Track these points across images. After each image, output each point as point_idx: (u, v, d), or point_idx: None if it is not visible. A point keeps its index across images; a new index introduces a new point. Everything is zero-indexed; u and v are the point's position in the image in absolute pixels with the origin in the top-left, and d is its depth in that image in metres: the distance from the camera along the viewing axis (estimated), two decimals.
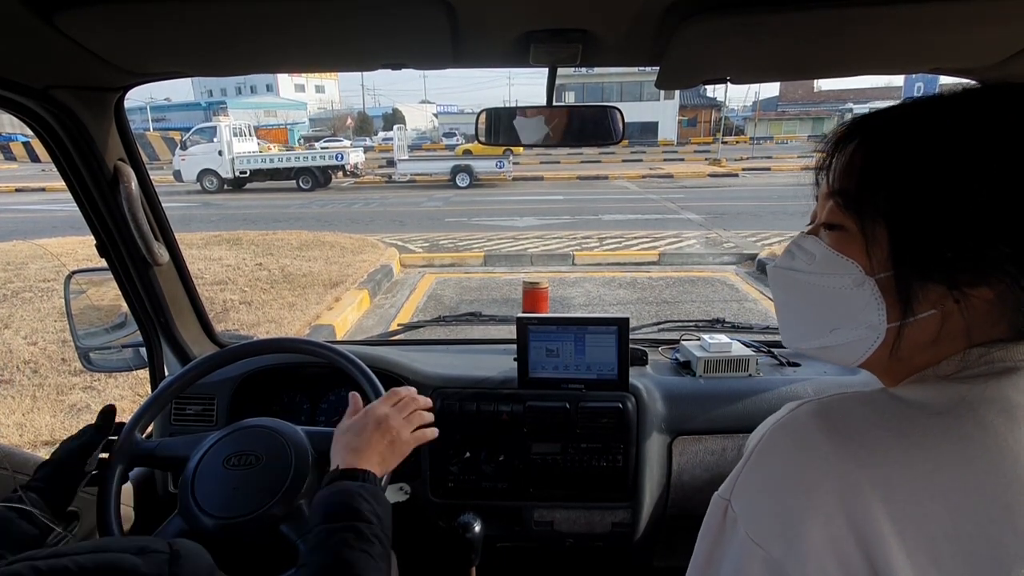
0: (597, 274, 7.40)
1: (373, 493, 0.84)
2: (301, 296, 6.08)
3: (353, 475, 0.86)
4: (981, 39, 0.90)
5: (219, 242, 8.96)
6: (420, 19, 0.83)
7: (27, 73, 0.98)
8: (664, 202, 13.89)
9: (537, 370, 1.39)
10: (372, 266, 7.28)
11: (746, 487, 0.53)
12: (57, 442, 0.59)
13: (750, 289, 6.62)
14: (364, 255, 7.90)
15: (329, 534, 0.77)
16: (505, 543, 1.45)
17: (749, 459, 0.54)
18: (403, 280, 7.31)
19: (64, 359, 4.45)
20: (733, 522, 0.52)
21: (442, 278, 7.28)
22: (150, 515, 1.39)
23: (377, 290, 6.67)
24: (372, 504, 0.82)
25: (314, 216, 13.10)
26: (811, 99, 47.65)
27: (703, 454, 1.40)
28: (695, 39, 0.85)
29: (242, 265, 7.46)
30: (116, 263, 1.37)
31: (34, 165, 28.47)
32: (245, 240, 9.10)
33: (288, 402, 1.54)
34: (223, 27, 0.85)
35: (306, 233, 9.59)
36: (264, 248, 8.55)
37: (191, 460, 1.04)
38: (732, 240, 9.20)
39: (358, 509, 0.80)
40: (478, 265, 7.99)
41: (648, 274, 7.34)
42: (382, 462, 0.92)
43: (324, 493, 0.84)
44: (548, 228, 10.56)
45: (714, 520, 0.55)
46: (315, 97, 60.92)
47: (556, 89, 1.17)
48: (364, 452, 0.91)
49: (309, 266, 7.40)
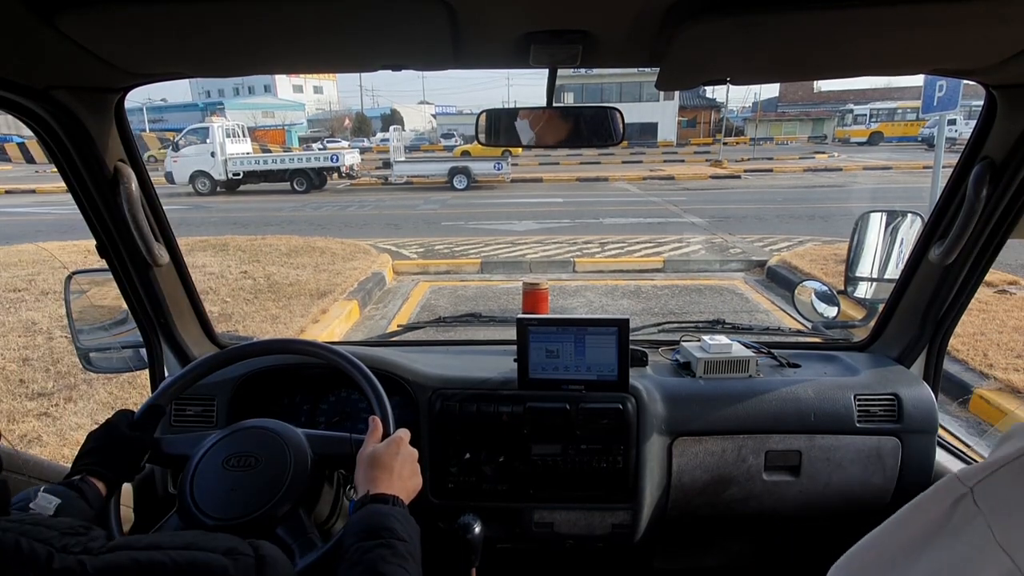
0: (599, 282, 7.17)
1: (404, 515, 0.88)
2: (286, 307, 5.80)
3: (384, 499, 0.90)
4: (981, 39, 0.90)
5: (205, 248, 8.67)
6: (420, 20, 0.83)
7: (28, 74, 0.98)
8: (666, 205, 13.74)
9: (537, 371, 1.39)
10: (363, 274, 7.03)
11: (1007, 494, 0.48)
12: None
13: (761, 299, 6.38)
14: (355, 262, 7.64)
15: (365, 551, 0.80)
16: (505, 544, 1.45)
17: (1014, 462, 0.48)
18: (395, 289, 7.10)
19: (23, 380, 4.09)
20: (972, 517, 0.48)
21: (436, 286, 7.08)
22: (149, 515, 1.39)
23: (367, 300, 6.45)
24: (404, 524, 0.86)
25: (307, 219, 12.92)
26: (811, 100, 47.70)
27: (703, 455, 1.40)
28: (695, 40, 0.86)
29: (226, 273, 7.13)
30: (116, 264, 1.37)
31: (28, 166, 28.44)
32: (232, 246, 8.74)
33: (288, 403, 1.54)
34: (223, 28, 0.85)
35: (296, 238, 9.35)
36: (251, 254, 8.23)
37: (192, 459, 1.04)
38: (738, 245, 9.00)
39: (392, 528, 0.83)
40: (474, 272, 7.78)
41: (652, 282, 7.11)
42: (406, 493, 0.95)
43: (358, 515, 0.87)
44: (547, 232, 10.40)
45: (942, 505, 0.50)
46: (313, 98, 60.89)
47: (555, 90, 1.17)
48: (394, 481, 0.94)
49: (297, 274, 7.11)
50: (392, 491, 0.92)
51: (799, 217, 11.51)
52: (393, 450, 0.99)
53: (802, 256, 7.47)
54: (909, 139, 33.15)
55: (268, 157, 19.25)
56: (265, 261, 7.82)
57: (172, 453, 1.10)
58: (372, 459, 0.97)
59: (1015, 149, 1.15)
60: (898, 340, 1.53)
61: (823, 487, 1.42)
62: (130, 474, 1.02)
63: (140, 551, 0.59)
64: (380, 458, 0.97)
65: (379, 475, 0.94)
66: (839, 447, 1.40)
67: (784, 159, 25.85)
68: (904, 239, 1.54)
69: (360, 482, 0.95)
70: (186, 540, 0.64)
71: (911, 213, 1.53)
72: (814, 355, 1.62)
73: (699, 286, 6.93)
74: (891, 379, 1.45)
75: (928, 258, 1.36)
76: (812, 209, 12.41)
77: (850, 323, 1.74)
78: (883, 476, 1.40)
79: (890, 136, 34.66)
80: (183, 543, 0.63)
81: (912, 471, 1.40)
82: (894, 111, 36.01)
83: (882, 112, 36.19)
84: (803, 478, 1.41)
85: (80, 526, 0.62)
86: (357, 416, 1.50)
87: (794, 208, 12.60)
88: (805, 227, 10.28)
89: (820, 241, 8.79)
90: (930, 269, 1.38)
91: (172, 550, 0.61)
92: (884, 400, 1.41)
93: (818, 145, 37.01)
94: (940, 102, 6.35)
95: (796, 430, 1.40)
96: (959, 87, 6.23)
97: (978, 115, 1.22)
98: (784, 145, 38.43)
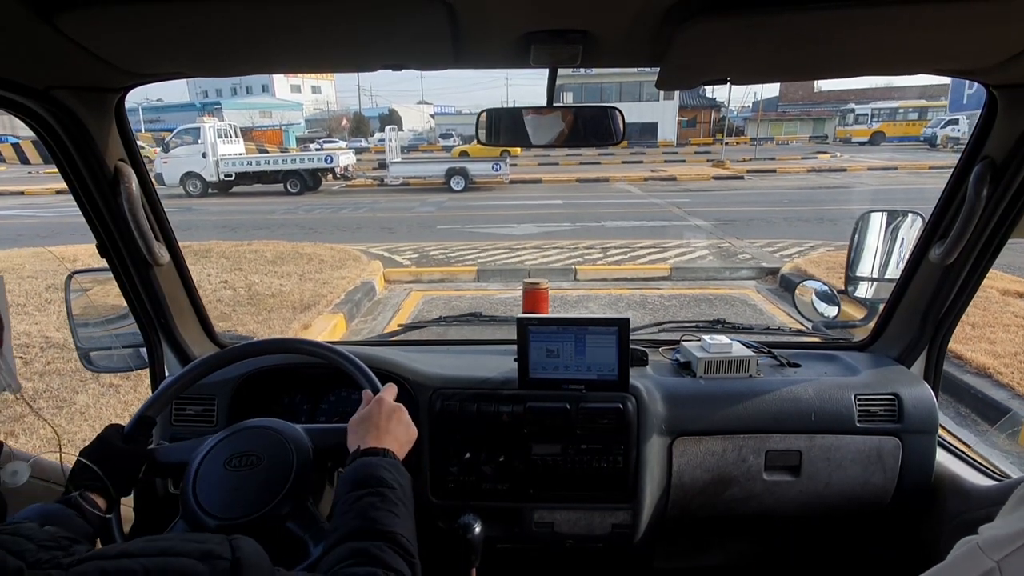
0: (602, 291, 6.81)
1: (393, 465, 0.90)
2: (264, 322, 5.39)
3: (373, 452, 0.92)
4: (981, 39, 0.90)
5: (186, 254, 7.81)
6: (421, 20, 0.83)
7: (28, 73, 0.99)
8: (669, 207, 13.44)
9: (537, 371, 1.39)
10: (351, 283, 6.60)
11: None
12: None
13: (775, 310, 6.00)
14: (344, 270, 7.22)
15: (355, 500, 0.82)
16: (505, 544, 1.45)
17: None
18: (386, 299, 6.72)
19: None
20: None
21: (430, 296, 6.73)
22: (150, 515, 1.39)
23: (355, 312, 6.02)
24: (393, 473, 0.88)
25: (298, 223, 12.58)
26: (812, 100, 47.67)
27: (703, 455, 1.40)
28: (695, 40, 0.86)
29: (205, 283, 6.67)
30: (116, 263, 1.37)
31: (23, 167, 28.29)
32: (215, 252, 8.23)
33: (288, 403, 1.54)
34: (224, 28, 0.85)
35: (284, 243, 8.92)
36: (234, 261, 7.72)
37: (192, 463, 1.04)
38: (747, 251, 8.60)
39: (381, 477, 0.86)
40: (470, 281, 7.38)
41: (659, 291, 6.72)
42: (398, 445, 0.98)
43: (347, 469, 0.90)
44: (547, 236, 10.06)
45: (966, 572, 0.50)
46: (311, 98, 60.77)
47: (555, 90, 1.17)
48: (381, 435, 0.97)
49: (280, 284, 6.65)
50: (381, 445, 0.94)
51: (807, 220, 11.20)
52: (376, 408, 1.02)
53: (817, 263, 7.06)
54: (910, 139, 33.12)
55: (261, 158, 18.85)
56: (248, 269, 7.36)
57: (168, 462, 1.10)
58: (357, 421, 1.01)
59: (1016, 149, 1.15)
60: (898, 340, 1.53)
61: (823, 487, 1.42)
62: (128, 487, 1.02)
63: (109, 560, 0.58)
64: (365, 418, 1.01)
65: (366, 433, 0.97)
66: (839, 447, 1.40)
67: (786, 159, 25.62)
68: (904, 239, 1.54)
69: (352, 444, 0.97)
70: (161, 546, 0.63)
71: (912, 213, 1.54)
72: (814, 355, 1.62)
73: (709, 296, 6.57)
74: (891, 379, 1.45)
75: (929, 258, 1.36)
76: (820, 211, 12.15)
77: (850, 323, 1.74)
78: (883, 476, 1.40)
79: (891, 136, 34.58)
80: (157, 550, 0.62)
81: (912, 471, 1.40)
82: (896, 111, 35.95)
83: (884, 112, 36.09)
84: (803, 478, 1.41)
85: (64, 538, 0.61)
86: None
87: (801, 210, 12.31)
88: (814, 230, 9.99)
89: (832, 246, 8.46)
90: (931, 269, 1.38)
91: (144, 557, 0.59)
92: (884, 400, 1.41)
93: (820, 145, 36.92)
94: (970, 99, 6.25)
95: (796, 430, 1.40)
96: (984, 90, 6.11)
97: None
98: (785, 145, 38.30)
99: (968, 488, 1.34)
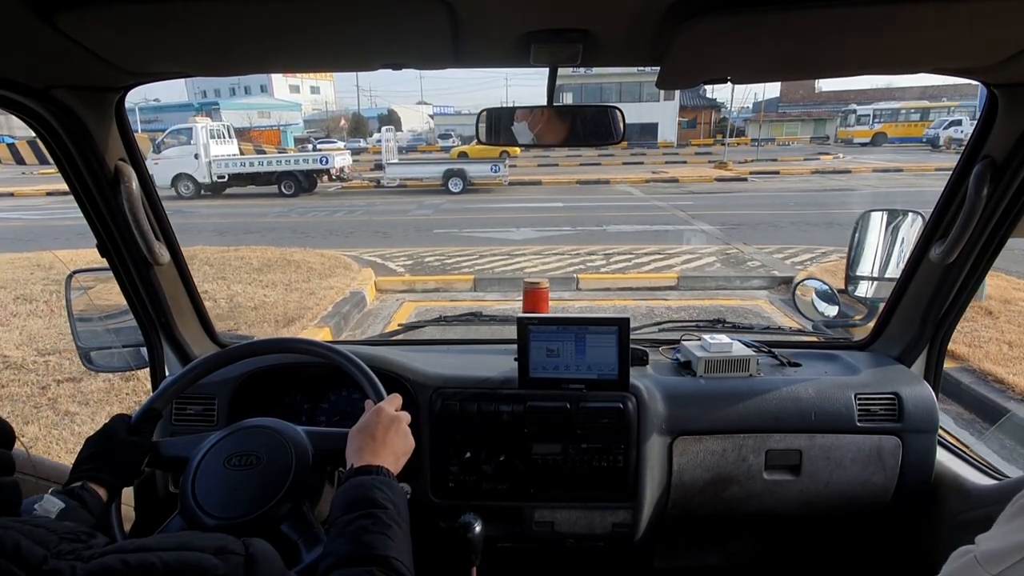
0: (606, 301, 6.51)
1: (387, 483, 0.89)
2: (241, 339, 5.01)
3: (367, 470, 0.91)
4: (981, 39, 0.90)
5: None
6: (420, 19, 0.83)
7: (28, 73, 0.99)
8: (673, 210, 13.07)
9: (538, 370, 1.39)
10: (340, 293, 6.24)
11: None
12: None
13: (791, 323, 5.55)
14: (333, 279, 6.88)
15: (347, 524, 0.81)
16: (505, 543, 1.45)
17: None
18: (377, 310, 6.39)
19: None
20: None
21: (423, 307, 6.43)
22: (150, 515, 1.39)
23: (343, 325, 5.65)
24: (387, 492, 0.87)
25: (290, 226, 12.21)
26: (812, 100, 47.59)
27: (704, 454, 1.40)
28: (696, 39, 0.86)
29: None
30: (117, 263, 1.38)
31: (17, 168, 28.15)
32: (199, 258, 7.85)
33: (288, 402, 1.54)
34: (224, 28, 0.85)
35: (272, 249, 8.52)
36: (218, 269, 7.36)
37: (192, 460, 1.04)
38: (756, 257, 8.27)
39: (373, 498, 0.85)
40: (467, 290, 7.06)
41: (666, 302, 6.41)
42: (395, 459, 0.97)
43: (340, 490, 0.89)
44: (547, 241, 9.72)
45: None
46: (310, 98, 60.67)
47: (555, 89, 1.17)
48: (378, 450, 0.96)
49: (264, 295, 6.23)
50: (377, 460, 0.94)
51: (816, 224, 10.83)
52: (374, 418, 1.01)
53: (832, 272, 6.55)
54: (912, 140, 33.03)
55: (255, 159, 18.33)
56: (232, 278, 6.94)
57: (171, 456, 1.10)
58: (356, 432, 1.00)
59: (1016, 148, 1.15)
60: (899, 339, 1.53)
61: (823, 486, 1.42)
62: (130, 479, 1.03)
63: (130, 553, 0.60)
64: (363, 428, 1.00)
65: (363, 445, 0.97)
66: (840, 446, 1.40)
67: (789, 160, 25.32)
68: (905, 238, 1.54)
69: (349, 457, 0.97)
70: (178, 541, 0.65)
71: (912, 212, 1.54)
72: (815, 354, 1.62)
73: (719, 307, 6.29)
74: (892, 378, 1.45)
75: (929, 257, 1.36)
76: (829, 215, 11.78)
77: (851, 322, 1.74)
78: (884, 475, 1.40)
79: (893, 137, 34.47)
80: (174, 544, 0.63)
81: (912, 470, 1.40)
82: (898, 111, 35.75)
83: (885, 112, 35.95)
84: (803, 477, 1.41)
85: (83, 532, 0.63)
86: (357, 415, 1.48)
87: (809, 214, 11.94)
88: (824, 236, 9.62)
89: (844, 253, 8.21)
90: (931, 268, 1.38)
91: (162, 551, 0.61)
92: (885, 399, 1.41)
93: (821, 146, 36.80)
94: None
95: (797, 429, 1.40)
96: None
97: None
98: (786, 146, 38.13)
99: (968, 487, 1.34)
